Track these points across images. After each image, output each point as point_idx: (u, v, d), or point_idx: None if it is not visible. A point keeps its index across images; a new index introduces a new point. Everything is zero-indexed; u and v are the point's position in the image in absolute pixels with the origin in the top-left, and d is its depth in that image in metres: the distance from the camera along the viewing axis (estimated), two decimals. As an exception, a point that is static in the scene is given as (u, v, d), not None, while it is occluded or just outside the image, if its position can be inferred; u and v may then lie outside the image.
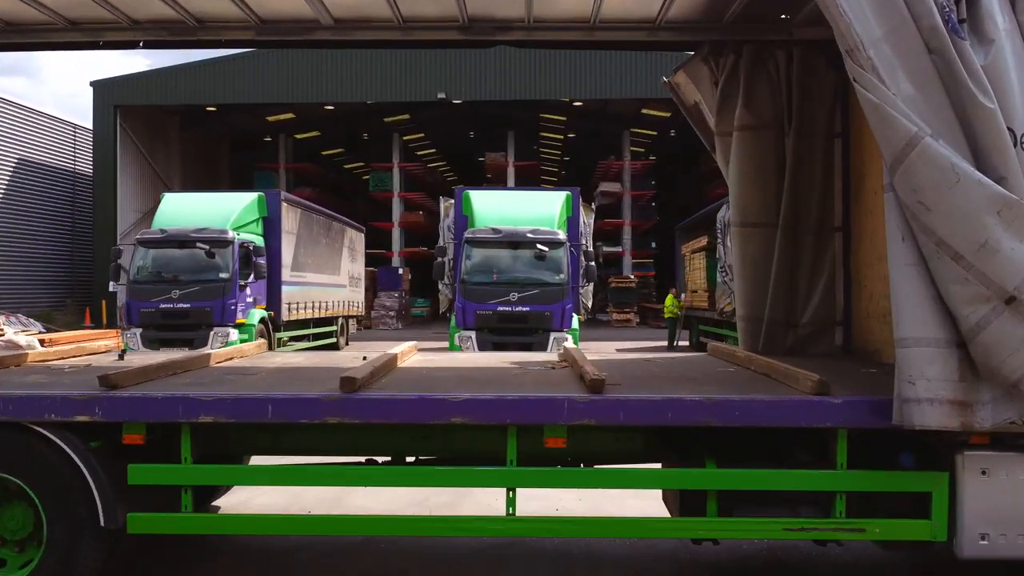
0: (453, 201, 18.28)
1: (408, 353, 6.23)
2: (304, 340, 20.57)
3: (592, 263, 16.49)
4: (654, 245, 41.79)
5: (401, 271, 36.53)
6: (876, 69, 3.77)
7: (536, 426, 4.25)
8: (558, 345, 15.28)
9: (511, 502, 4.37)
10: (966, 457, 4.10)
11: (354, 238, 26.03)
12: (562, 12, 6.28)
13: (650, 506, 5.26)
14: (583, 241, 17.60)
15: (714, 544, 5.12)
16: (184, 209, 17.42)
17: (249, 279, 16.44)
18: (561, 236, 15.69)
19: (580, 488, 5.62)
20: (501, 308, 15.01)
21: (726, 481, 4.28)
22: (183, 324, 15.73)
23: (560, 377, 5.12)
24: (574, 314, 15.76)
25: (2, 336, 14.49)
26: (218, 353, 5.92)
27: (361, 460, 4.76)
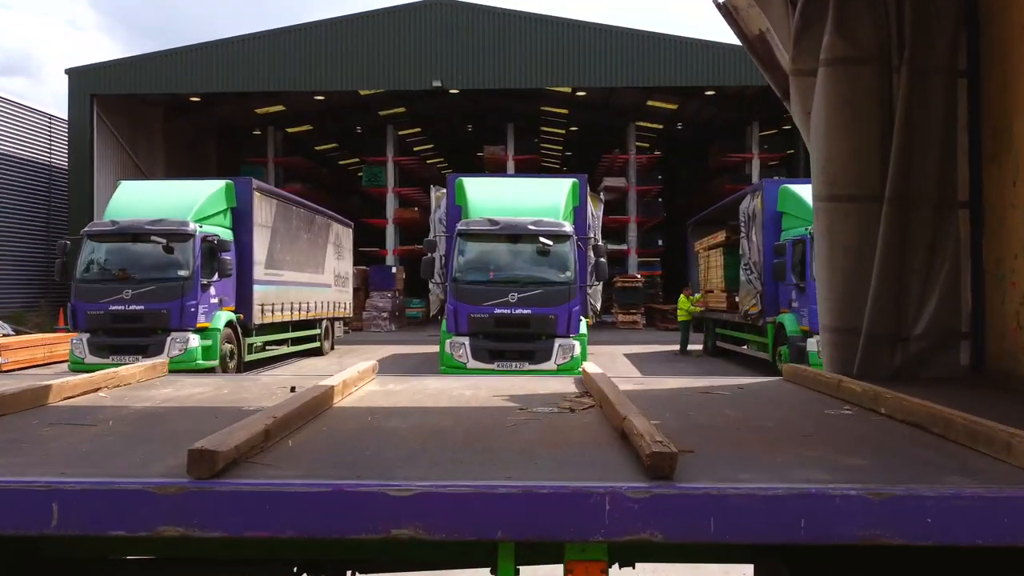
0: (445, 190, 16.34)
1: (361, 379, 4.33)
2: (282, 345, 18.70)
3: (603, 259, 14.06)
4: (661, 243, 39.77)
5: (395, 270, 34.31)
6: None
7: (551, 543, 2.35)
8: (563, 353, 13.34)
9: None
10: None
11: (341, 233, 24.15)
12: None
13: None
14: (591, 234, 15.62)
15: None
16: (141, 198, 15.52)
17: (213, 278, 14.59)
18: (567, 228, 13.72)
19: None
20: (498, 311, 13.12)
21: None
22: (136, 328, 13.94)
23: (584, 429, 3.21)
24: (582, 317, 13.76)
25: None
26: (74, 382, 3.97)
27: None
